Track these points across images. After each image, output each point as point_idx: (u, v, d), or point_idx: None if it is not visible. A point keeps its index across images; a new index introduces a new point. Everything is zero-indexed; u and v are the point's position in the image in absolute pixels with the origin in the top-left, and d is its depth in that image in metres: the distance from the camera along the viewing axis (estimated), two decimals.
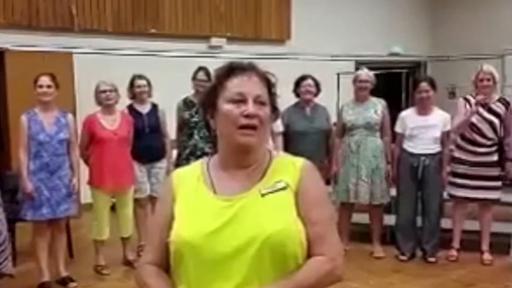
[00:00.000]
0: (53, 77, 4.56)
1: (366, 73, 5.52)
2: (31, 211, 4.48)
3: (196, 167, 1.62)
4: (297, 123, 5.50)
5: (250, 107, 1.48)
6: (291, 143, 5.47)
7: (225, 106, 1.50)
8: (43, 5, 7.07)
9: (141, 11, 7.77)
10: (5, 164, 6.62)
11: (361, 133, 5.38)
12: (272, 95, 1.57)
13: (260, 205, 1.47)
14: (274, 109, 1.56)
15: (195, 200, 1.52)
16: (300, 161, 1.60)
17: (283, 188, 1.50)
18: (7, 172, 5.68)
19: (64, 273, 4.71)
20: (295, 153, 5.51)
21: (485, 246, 5.29)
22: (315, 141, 5.48)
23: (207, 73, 5.37)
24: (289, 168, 1.55)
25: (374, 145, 5.39)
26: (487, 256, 5.23)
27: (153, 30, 7.85)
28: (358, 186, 5.35)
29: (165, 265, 1.55)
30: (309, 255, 1.48)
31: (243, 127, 1.47)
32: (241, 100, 1.49)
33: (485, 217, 5.29)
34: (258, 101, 1.50)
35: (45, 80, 4.51)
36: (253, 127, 1.47)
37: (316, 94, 5.63)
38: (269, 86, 1.57)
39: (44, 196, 4.47)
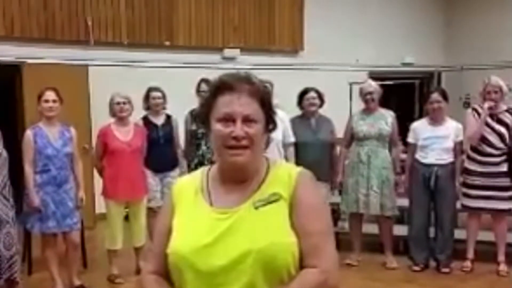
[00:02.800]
0: (57, 92, 4.61)
1: (370, 84, 5.54)
2: (38, 224, 4.53)
3: (196, 177, 1.63)
4: (302, 134, 5.53)
5: (238, 129, 1.47)
6: (298, 154, 5.51)
7: (215, 125, 1.50)
8: (59, 18, 7.20)
9: (156, 24, 7.87)
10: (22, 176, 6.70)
11: (372, 143, 5.38)
12: (266, 106, 1.54)
13: (253, 218, 1.47)
14: (271, 119, 1.56)
15: (193, 213, 1.54)
16: (296, 171, 1.58)
17: (276, 200, 1.49)
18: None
19: (77, 282, 4.77)
20: (301, 164, 5.55)
21: (501, 257, 5.25)
22: (319, 152, 5.49)
23: (209, 83, 5.43)
24: (285, 178, 1.54)
25: (384, 156, 5.39)
26: (502, 267, 5.20)
27: (167, 43, 7.95)
28: (370, 197, 5.34)
29: (166, 273, 1.57)
30: (302, 266, 1.46)
31: (231, 147, 1.48)
32: (228, 119, 1.48)
33: (499, 228, 5.26)
34: (247, 120, 1.48)
35: (50, 94, 4.55)
36: (242, 147, 1.48)
37: (320, 106, 5.67)
38: (262, 98, 1.53)
39: (50, 210, 4.51)
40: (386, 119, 5.45)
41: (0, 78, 7.13)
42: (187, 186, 1.61)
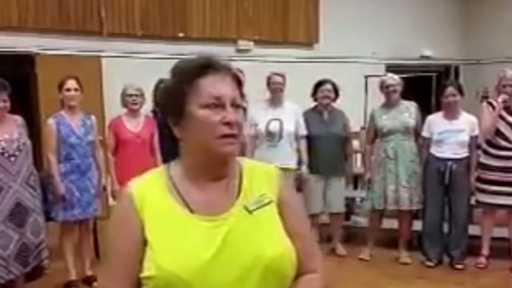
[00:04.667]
0: (78, 80, 4.64)
1: (391, 77, 5.45)
2: (63, 212, 4.57)
3: (155, 179, 1.36)
4: (314, 127, 5.48)
5: (230, 114, 1.29)
6: (310, 147, 5.47)
7: (200, 112, 1.29)
8: (73, 9, 7.21)
9: (169, 15, 7.85)
10: (39, 166, 6.75)
11: (398, 138, 5.29)
12: (241, 92, 1.38)
13: (250, 224, 1.31)
14: (243, 110, 1.41)
15: (171, 222, 1.29)
16: (273, 169, 1.45)
17: (269, 203, 1.36)
18: (40, 174, 5.78)
19: (89, 272, 4.79)
20: (314, 157, 5.54)
21: None
22: (333, 146, 5.45)
23: None
24: (264, 178, 1.41)
25: (410, 149, 5.29)
26: None
27: (181, 34, 7.92)
28: (399, 193, 5.24)
29: None
30: (299, 271, 1.36)
31: (224, 136, 1.29)
32: (217, 104, 1.29)
33: None
34: (234, 105, 1.32)
35: (72, 83, 4.59)
36: (234, 135, 1.30)
37: (334, 99, 5.59)
38: (239, 82, 1.38)
39: (75, 197, 4.56)
40: (409, 111, 5.35)
41: (15, 69, 7.16)
42: (149, 190, 1.33)
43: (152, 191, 1.32)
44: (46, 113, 6.25)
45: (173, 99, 1.32)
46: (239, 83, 1.37)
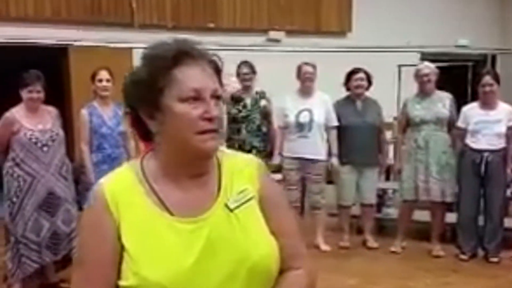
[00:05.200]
0: (110, 71, 4.68)
1: (426, 66, 5.33)
2: None
3: (127, 176, 1.24)
4: (347, 117, 5.40)
5: (212, 109, 1.20)
6: (343, 137, 5.40)
7: (178, 107, 1.18)
8: (105, 1, 7.28)
9: (200, 6, 7.84)
10: (70, 156, 6.85)
11: (430, 128, 5.18)
12: (220, 81, 1.27)
13: (233, 224, 1.23)
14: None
15: (149, 226, 1.19)
16: (253, 161, 1.36)
17: (250, 199, 1.27)
18: (72, 164, 5.87)
19: None
20: (347, 147, 5.49)
21: None
22: (367, 136, 5.36)
23: (250, 66, 5.41)
24: (244, 170, 1.31)
25: (443, 140, 5.19)
26: None
27: (211, 25, 7.90)
28: (430, 184, 5.15)
29: None
30: (283, 267, 1.29)
31: (205, 132, 1.20)
32: (196, 97, 1.19)
33: None
34: (215, 96, 1.22)
35: (104, 74, 4.64)
36: (214, 130, 1.21)
37: (367, 88, 5.49)
38: (219, 71, 1.28)
39: None
40: (444, 101, 5.24)
41: (48, 60, 7.26)
42: (122, 189, 1.21)
43: (126, 191, 1.21)
44: (78, 104, 6.36)
45: (146, 92, 1.20)
46: (218, 71, 1.27)
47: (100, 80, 4.62)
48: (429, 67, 5.30)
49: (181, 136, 1.19)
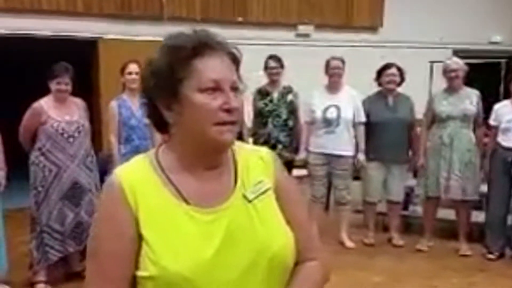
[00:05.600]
0: (139, 64, 4.72)
1: (455, 62, 5.23)
2: None
3: (143, 166, 1.23)
4: (379, 113, 5.32)
5: (232, 100, 1.19)
6: (373, 133, 5.32)
7: (198, 97, 1.17)
8: None
9: (229, 0, 7.83)
10: (98, 147, 6.93)
11: (456, 124, 5.09)
12: (239, 73, 1.27)
13: (251, 215, 1.23)
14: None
15: (167, 216, 1.18)
16: (266, 153, 1.36)
17: (267, 190, 1.28)
18: (99, 155, 5.94)
19: None
20: (376, 143, 5.41)
21: None
22: (398, 132, 5.27)
23: (278, 60, 5.38)
24: (260, 163, 1.32)
25: (468, 138, 5.10)
26: None
27: (240, 19, 7.90)
28: (451, 181, 5.07)
29: None
30: (298, 258, 1.30)
31: (223, 123, 1.19)
32: (215, 88, 1.18)
33: None
34: (234, 88, 1.21)
35: (134, 67, 4.69)
36: (232, 122, 1.20)
37: (399, 84, 5.41)
38: (238, 63, 1.26)
39: None
40: (471, 98, 5.14)
41: (79, 53, 7.37)
42: (139, 180, 1.19)
43: (142, 180, 1.19)
44: (106, 97, 6.43)
45: (164, 82, 1.18)
46: (237, 63, 1.26)
47: (130, 73, 4.67)
48: (457, 63, 5.21)
49: (199, 127, 1.18)
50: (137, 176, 1.20)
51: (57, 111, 4.22)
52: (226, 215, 1.20)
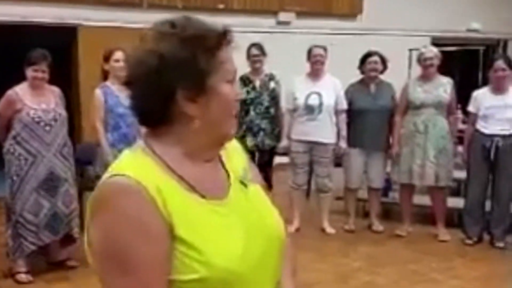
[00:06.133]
0: (124, 52, 4.67)
1: (430, 50, 5.30)
2: None
3: (147, 164, 1.12)
4: (361, 100, 5.36)
5: (239, 90, 1.26)
6: (355, 120, 5.36)
7: (224, 88, 1.14)
8: None
9: None
10: (77, 137, 6.87)
11: (430, 112, 5.16)
12: None
13: (252, 201, 1.23)
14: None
15: (195, 213, 1.11)
16: (237, 144, 1.36)
17: (251, 177, 1.30)
18: (77, 146, 5.88)
19: None
20: (358, 131, 5.45)
21: None
22: (379, 120, 5.32)
23: (260, 47, 5.38)
24: (236, 151, 1.33)
25: (442, 125, 5.16)
26: None
27: (221, 6, 7.86)
28: (425, 168, 5.14)
29: None
30: None
31: (235, 115, 1.20)
32: (231, 80, 1.17)
33: None
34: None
35: (120, 55, 4.59)
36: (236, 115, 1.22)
37: (382, 71, 5.45)
38: None
39: None
40: (445, 86, 5.21)
41: (58, 40, 7.27)
42: (155, 180, 1.09)
43: (158, 179, 1.09)
44: (86, 84, 6.38)
45: (191, 74, 1.11)
46: None
47: (117, 60, 4.56)
48: (432, 51, 5.28)
49: (222, 118, 1.16)
50: (151, 174, 1.09)
51: (33, 99, 4.14)
52: (235, 206, 1.18)
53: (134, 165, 1.10)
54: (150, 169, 1.10)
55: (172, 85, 1.10)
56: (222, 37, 1.14)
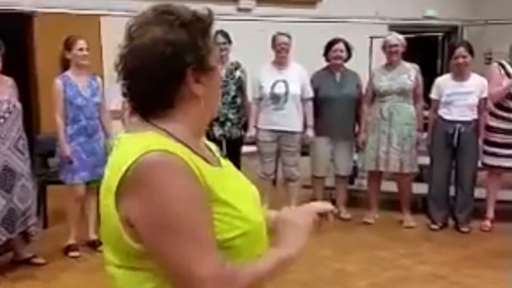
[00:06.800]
0: (86, 40, 4.53)
1: (395, 37, 5.33)
2: (70, 175, 4.48)
3: (167, 141, 1.18)
4: (326, 88, 5.36)
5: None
6: (321, 109, 5.37)
7: (218, 68, 1.27)
8: None
9: None
10: (36, 128, 6.65)
11: (394, 99, 5.20)
12: None
13: (233, 170, 1.38)
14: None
15: (217, 177, 1.20)
16: None
17: None
18: (38, 137, 5.70)
19: (93, 236, 4.73)
20: (324, 119, 5.45)
21: None
22: (345, 108, 5.35)
23: (226, 35, 5.28)
24: None
25: (407, 112, 5.21)
26: None
27: None
28: (390, 154, 5.20)
29: None
30: None
31: None
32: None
33: None
34: None
35: (83, 43, 4.49)
36: None
37: (346, 59, 5.45)
38: None
39: (82, 160, 4.48)
40: (409, 72, 5.25)
41: (12, 27, 6.98)
42: (183, 153, 1.16)
43: (184, 153, 1.16)
44: (43, 74, 6.16)
45: (195, 54, 1.19)
46: None
47: (81, 49, 4.46)
48: (397, 38, 5.31)
49: (217, 96, 1.31)
50: (174, 147, 1.15)
51: None
52: (231, 173, 1.33)
53: (162, 142, 1.15)
54: (174, 144, 1.17)
55: (182, 68, 1.18)
56: (210, 19, 1.24)
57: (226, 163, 1.36)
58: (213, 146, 1.38)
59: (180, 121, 1.22)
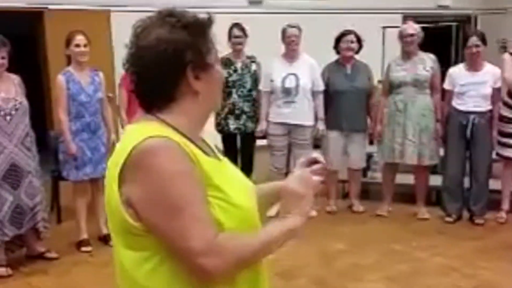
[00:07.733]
0: (86, 35, 4.51)
1: (411, 26, 5.23)
2: (74, 171, 4.50)
3: (168, 130, 1.28)
4: (337, 81, 5.30)
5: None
6: (331, 102, 5.31)
7: (217, 66, 1.38)
8: None
9: None
10: (49, 125, 6.69)
11: (409, 90, 5.13)
12: None
13: (231, 165, 1.48)
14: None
15: (212, 166, 1.30)
16: None
17: None
18: (51, 133, 5.72)
19: (104, 231, 4.74)
20: (335, 112, 5.39)
21: None
22: (356, 101, 5.28)
23: (242, 29, 5.26)
24: None
25: (423, 103, 5.14)
26: None
27: None
28: (405, 146, 5.14)
29: None
30: None
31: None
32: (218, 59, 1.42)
33: None
34: None
35: (81, 39, 4.45)
36: None
37: (357, 51, 5.39)
38: None
39: (86, 156, 4.49)
40: (425, 63, 5.17)
41: (23, 24, 7.02)
42: (181, 141, 1.27)
43: (182, 141, 1.26)
44: (55, 71, 6.16)
45: (195, 53, 1.30)
46: None
47: (78, 45, 4.43)
48: (413, 28, 5.22)
49: (216, 92, 1.40)
50: (176, 136, 1.26)
51: None
52: (228, 167, 1.42)
53: (162, 130, 1.26)
54: (173, 133, 1.27)
55: (184, 66, 1.29)
56: (209, 22, 1.35)
57: (224, 159, 1.44)
58: (213, 146, 1.45)
59: (180, 114, 1.32)
